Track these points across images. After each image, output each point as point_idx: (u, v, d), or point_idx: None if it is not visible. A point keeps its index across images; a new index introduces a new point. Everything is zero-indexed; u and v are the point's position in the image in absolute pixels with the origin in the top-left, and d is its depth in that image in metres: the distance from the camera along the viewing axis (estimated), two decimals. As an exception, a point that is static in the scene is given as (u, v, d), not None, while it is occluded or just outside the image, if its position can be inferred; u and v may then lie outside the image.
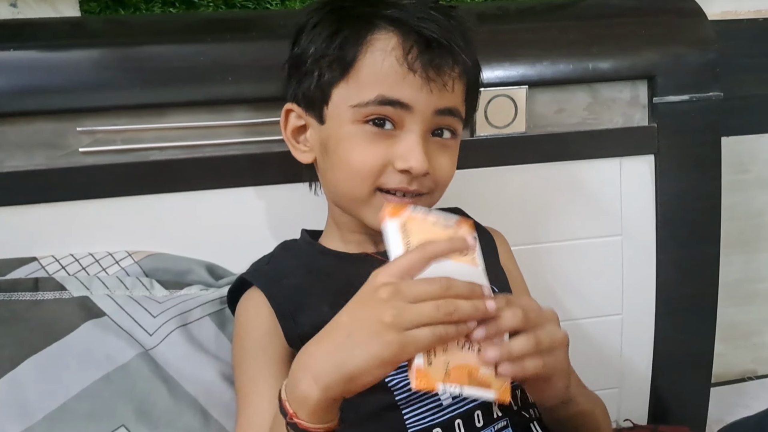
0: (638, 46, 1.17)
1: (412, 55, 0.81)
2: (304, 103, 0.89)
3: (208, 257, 1.07)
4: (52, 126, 1.01)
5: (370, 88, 0.82)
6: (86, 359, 0.88)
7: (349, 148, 0.84)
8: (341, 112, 0.84)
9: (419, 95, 0.82)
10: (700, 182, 1.22)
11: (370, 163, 0.83)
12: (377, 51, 0.82)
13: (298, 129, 0.92)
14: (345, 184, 0.87)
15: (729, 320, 1.55)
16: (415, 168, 0.82)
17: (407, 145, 0.83)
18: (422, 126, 0.83)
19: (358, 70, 0.83)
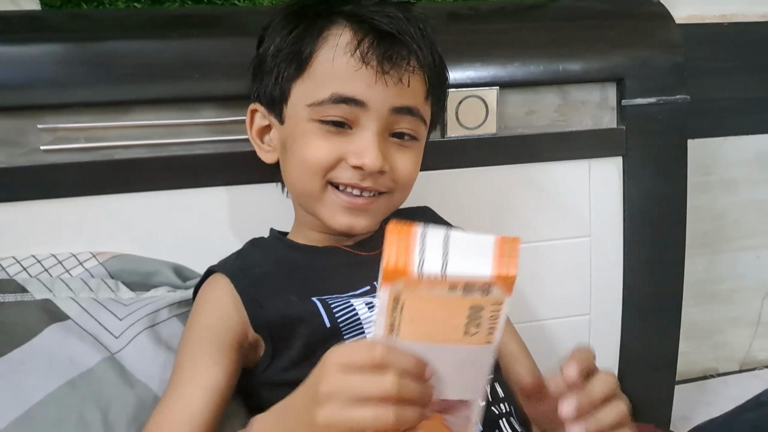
0: (607, 49, 1.18)
1: (364, 47, 0.81)
2: (266, 103, 0.89)
3: (174, 258, 1.04)
4: (11, 123, 0.97)
5: (324, 85, 0.82)
6: (49, 364, 0.85)
7: (303, 143, 0.84)
8: (298, 111, 0.84)
9: (374, 90, 0.82)
10: (666, 184, 1.24)
11: (323, 158, 0.83)
12: (331, 47, 0.82)
13: (263, 129, 0.92)
14: (299, 180, 0.87)
15: (691, 319, 1.58)
16: (369, 165, 0.82)
17: (362, 142, 0.83)
18: (378, 123, 0.83)
19: (313, 66, 0.83)
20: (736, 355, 1.72)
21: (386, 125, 0.84)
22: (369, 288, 0.88)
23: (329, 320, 0.81)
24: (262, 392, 0.83)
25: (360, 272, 0.89)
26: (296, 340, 0.81)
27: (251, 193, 1.06)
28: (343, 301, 0.84)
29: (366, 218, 0.88)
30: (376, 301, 0.52)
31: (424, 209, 1.05)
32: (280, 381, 0.81)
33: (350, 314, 0.82)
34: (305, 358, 0.81)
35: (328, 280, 0.87)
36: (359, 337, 0.82)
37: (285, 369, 0.81)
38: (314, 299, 0.83)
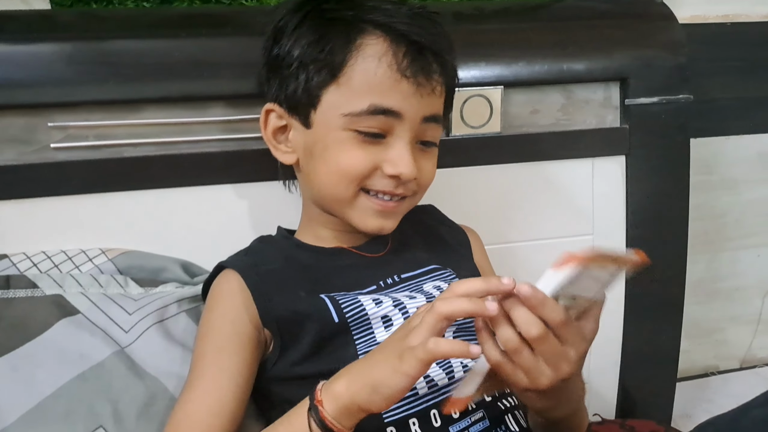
0: (612, 49, 1.19)
1: (406, 62, 0.82)
2: (287, 105, 0.89)
3: (182, 255, 1.05)
4: (22, 121, 0.98)
5: (361, 96, 0.83)
6: (60, 358, 0.87)
7: (337, 152, 0.85)
8: (331, 119, 0.85)
9: (409, 102, 0.83)
10: (669, 183, 1.25)
11: (360, 167, 0.85)
12: (368, 57, 0.83)
13: (279, 129, 0.92)
14: (331, 187, 0.87)
15: (692, 317, 1.59)
16: (405, 174, 0.84)
17: (397, 151, 0.85)
18: (410, 133, 0.85)
19: (348, 75, 0.83)
20: (737, 353, 1.73)
21: (416, 134, 0.87)
22: (375, 287, 0.89)
23: (337, 315, 0.82)
24: (271, 387, 0.84)
25: (367, 272, 0.91)
26: (305, 335, 0.82)
27: (258, 190, 1.07)
28: (351, 297, 0.85)
29: (394, 219, 0.90)
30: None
31: (429, 207, 1.07)
32: (289, 376, 0.83)
33: (358, 310, 0.83)
34: (314, 353, 0.82)
35: (335, 279, 0.89)
36: (367, 332, 0.83)
37: (294, 364, 0.82)
38: (322, 296, 0.84)
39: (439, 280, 0.92)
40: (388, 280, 0.91)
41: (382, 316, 0.84)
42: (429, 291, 0.89)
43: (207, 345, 0.83)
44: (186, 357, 0.91)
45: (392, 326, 0.84)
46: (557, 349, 0.64)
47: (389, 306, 0.85)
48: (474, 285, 0.63)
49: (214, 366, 0.81)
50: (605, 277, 0.65)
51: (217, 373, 0.80)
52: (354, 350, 0.82)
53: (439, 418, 0.79)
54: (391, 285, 0.90)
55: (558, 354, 0.64)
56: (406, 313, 0.85)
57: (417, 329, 0.64)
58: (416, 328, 0.64)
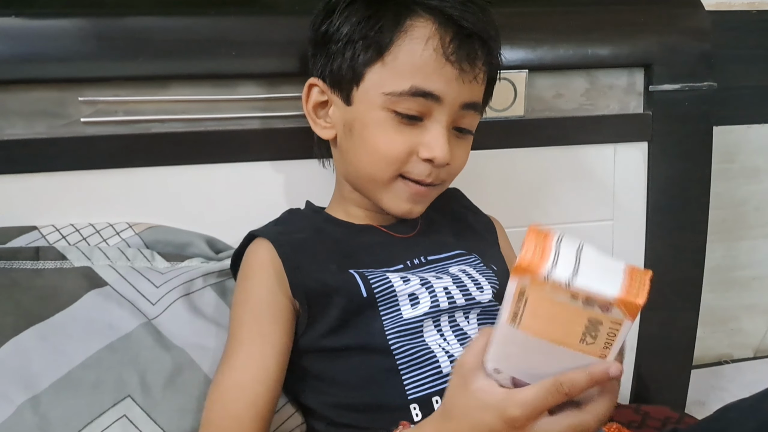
0: (636, 34, 1.19)
1: (452, 47, 0.83)
2: (330, 81, 0.90)
3: (207, 231, 1.07)
4: (53, 95, 1.00)
5: (404, 76, 0.83)
6: (89, 329, 0.88)
7: (375, 133, 0.86)
8: (372, 98, 0.85)
9: (450, 87, 0.84)
10: (690, 170, 1.25)
11: (397, 150, 0.85)
12: (415, 38, 0.83)
13: (320, 104, 0.93)
14: (369, 167, 0.88)
15: (708, 305, 1.58)
16: (439, 158, 0.85)
17: (433, 135, 0.85)
18: (448, 118, 0.86)
19: (394, 55, 0.84)
20: (752, 342, 1.74)
21: (454, 119, 0.87)
22: (402, 266, 0.90)
23: (366, 291, 0.83)
24: (296, 359, 0.86)
25: (394, 250, 0.92)
26: (333, 308, 0.83)
27: (285, 169, 1.08)
28: (379, 273, 0.86)
29: (423, 204, 0.92)
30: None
31: (456, 192, 1.08)
32: (315, 348, 0.84)
33: (386, 285, 0.85)
34: (340, 326, 0.83)
35: (364, 256, 0.90)
36: (393, 308, 0.84)
37: (320, 337, 0.84)
38: (351, 271, 0.85)
39: (465, 264, 0.93)
40: (415, 260, 0.92)
41: (409, 294, 0.85)
42: (455, 273, 0.90)
43: (246, 313, 0.85)
44: (211, 330, 0.93)
45: (418, 304, 0.85)
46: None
47: (416, 284, 0.86)
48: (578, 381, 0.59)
49: (254, 333, 0.82)
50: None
51: (259, 340, 0.82)
52: (380, 325, 0.83)
53: (462, 397, 0.81)
54: (417, 265, 0.91)
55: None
56: (433, 291, 0.86)
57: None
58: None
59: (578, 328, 0.55)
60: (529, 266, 0.52)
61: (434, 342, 0.84)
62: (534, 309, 0.54)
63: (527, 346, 0.58)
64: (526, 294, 0.54)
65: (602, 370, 0.57)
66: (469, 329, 0.87)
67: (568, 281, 0.51)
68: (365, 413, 0.81)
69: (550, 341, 0.56)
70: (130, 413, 0.83)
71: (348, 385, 0.83)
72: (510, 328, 0.57)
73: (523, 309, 0.55)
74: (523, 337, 0.57)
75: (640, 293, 0.52)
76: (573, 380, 0.58)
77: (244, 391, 0.79)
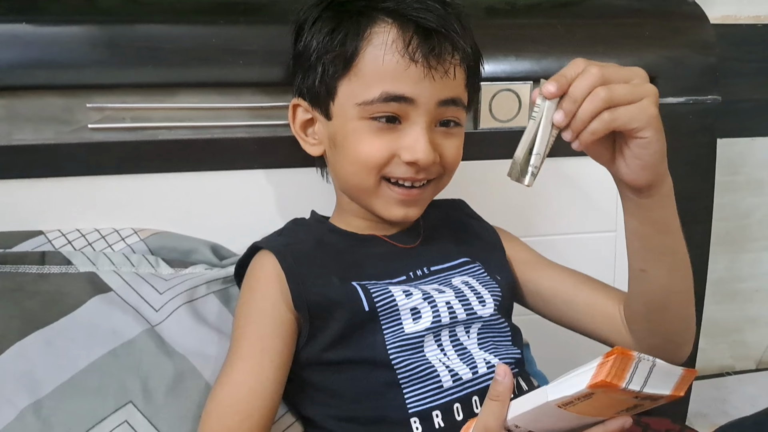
0: (641, 47, 1.19)
1: (413, 46, 0.82)
2: (309, 98, 0.91)
3: (212, 238, 1.08)
4: (61, 101, 1.01)
5: (373, 84, 0.84)
6: (93, 334, 0.89)
7: (355, 142, 0.86)
8: (347, 110, 0.86)
9: (422, 86, 0.84)
10: (693, 183, 1.25)
11: (377, 155, 0.86)
12: (378, 45, 0.84)
13: (307, 122, 0.94)
14: (353, 176, 0.89)
15: (711, 317, 1.59)
16: (422, 160, 0.84)
17: (412, 137, 0.85)
18: (426, 118, 0.85)
19: (360, 65, 0.84)
20: (754, 354, 1.73)
21: (433, 117, 0.86)
22: (405, 278, 0.90)
23: (368, 304, 0.83)
24: (297, 371, 0.86)
25: (398, 262, 0.92)
26: (335, 321, 0.83)
27: (290, 176, 1.09)
28: (382, 286, 0.86)
29: (418, 207, 0.91)
30: (566, 381, 0.60)
31: (459, 202, 1.08)
32: (316, 361, 0.85)
33: (388, 299, 0.85)
34: (341, 339, 0.83)
35: (366, 267, 0.90)
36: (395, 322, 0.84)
37: (323, 349, 0.84)
38: (354, 283, 0.85)
39: (468, 275, 0.93)
40: (418, 271, 0.92)
41: (411, 308, 0.85)
42: (457, 286, 0.90)
43: (248, 326, 0.84)
44: (213, 337, 0.93)
45: (420, 318, 0.85)
46: (626, 88, 0.66)
47: (419, 298, 0.86)
48: None
49: (255, 347, 0.82)
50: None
51: (259, 355, 0.82)
52: (381, 338, 0.83)
53: (461, 411, 0.81)
54: (420, 277, 0.92)
55: (630, 90, 0.66)
56: (435, 306, 0.86)
57: None
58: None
59: (621, 408, 0.63)
60: (610, 383, 0.56)
61: (434, 357, 0.84)
62: (592, 402, 0.59)
63: (560, 416, 0.62)
64: (595, 395, 0.58)
65: (619, 426, 0.64)
66: (469, 344, 0.87)
67: (639, 390, 0.58)
68: (366, 426, 0.82)
69: (588, 416, 0.63)
70: (132, 419, 0.83)
71: (349, 397, 0.83)
72: (555, 408, 0.61)
73: (582, 401, 0.59)
74: (564, 414, 0.62)
75: (684, 388, 0.61)
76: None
77: (239, 404, 0.79)
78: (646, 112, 0.67)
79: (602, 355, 0.57)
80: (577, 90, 0.65)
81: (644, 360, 0.57)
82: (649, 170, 0.72)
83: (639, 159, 0.70)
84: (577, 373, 0.59)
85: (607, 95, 0.65)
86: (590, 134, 0.66)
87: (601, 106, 0.65)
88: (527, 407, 0.64)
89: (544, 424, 0.66)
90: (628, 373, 0.56)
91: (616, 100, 0.65)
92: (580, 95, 0.65)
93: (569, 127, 0.66)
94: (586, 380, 0.57)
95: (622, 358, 0.56)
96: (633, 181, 0.73)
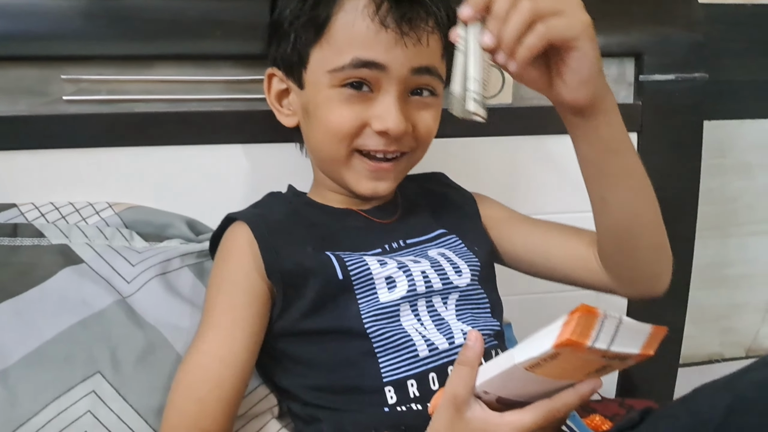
0: (627, 24, 1.18)
1: (383, 11, 0.81)
2: (284, 68, 0.91)
3: (188, 213, 1.06)
4: (36, 72, 1.00)
5: (344, 50, 0.83)
6: (63, 305, 0.88)
7: (326, 111, 0.85)
8: (319, 78, 0.85)
9: (394, 53, 0.82)
10: (680, 162, 1.24)
11: (347, 124, 0.84)
12: (349, 10, 0.83)
13: (281, 93, 0.93)
14: (324, 146, 0.88)
15: (699, 303, 1.57)
16: (392, 129, 0.83)
17: (384, 106, 0.84)
18: (399, 86, 0.84)
19: (331, 31, 0.83)
20: (743, 341, 1.72)
21: (406, 86, 0.85)
22: (380, 250, 0.90)
23: (342, 273, 0.83)
24: (272, 342, 0.85)
25: (373, 235, 0.91)
26: (308, 290, 0.82)
27: (267, 151, 1.08)
28: (356, 257, 0.85)
29: (389, 181, 0.90)
30: (532, 342, 0.58)
31: (438, 175, 1.07)
32: (291, 331, 0.84)
33: (363, 268, 0.84)
34: (316, 309, 0.83)
35: (341, 240, 0.89)
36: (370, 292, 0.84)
37: (297, 319, 0.83)
38: (328, 253, 0.85)
39: (444, 247, 0.93)
40: (394, 244, 0.91)
41: (385, 277, 0.84)
42: (433, 257, 0.90)
43: (220, 296, 0.84)
44: (186, 310, 0.92)
45: (395, 287, 0.84)
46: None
47: (393, 268, 0.85)
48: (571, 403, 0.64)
49: (226, 317, 0.82)
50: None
51: (231, 325, 0.81)
52: (356, 308, 0.83)
53: (437, 381, 0.81)
54: (396, 249, 0.91)
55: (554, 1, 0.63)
56: (410, 275, 0.85)
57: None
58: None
59: (590, 370, 0.62)
60: (575, 342, 0.55)
61: (411, 326, 0.83)
62: (560, 363, 0.58)
63: (529, 380, 0.61)
64: (561, 354, 0.57)
65: (590, 389, 0.63)
66: (447, 314, 0.86)
67: (606, 348, 0.56)
68: (341, 395, 0.81)
69: (557, 379, 0.62)
70: (99, 389, 0.83)
71: (324, 367, 0.83)
72: (524, 371, 0.60)
73: (549, 362, 0.58)
74: (532, 377, 0.60)
75: (653, 347, 0.60)
76: (567, 403, 0.63)
77: (208, 373, 0.78)
78: (579, 18, 0.64)
79: (566, 314, 0.56)
80: (499, 6, 0.62)
81: (610, 317, 0.56)
82: (589, 84, 0.69)
83: (577, 74, 0.67)
84: (542, 333, 0.57)
85: (533, 5, 0.61)
86: (527, 49, 0.62)
87: (528, 17, 0.62)
88: (495, 372, 0.63)
89: (514, 389, 0.65)
90: (593, 331, 0.55)
91: (543, 10, 0.62)
92: (503, 11, 0.62)
93: (500, 48, 0.63)
94: (552, 340, 0.56)
95: (587, 316, 0.55)
96: (575, 100, 0.70)
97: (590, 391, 0.63)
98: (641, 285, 0.88)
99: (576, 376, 0.62)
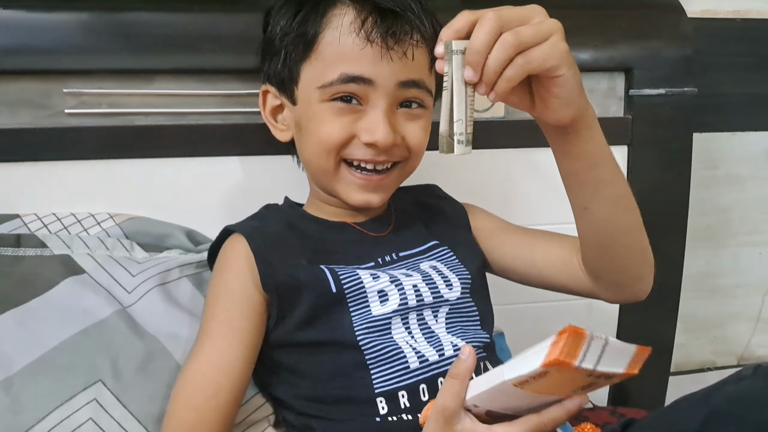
0: (618, 39, 1.20)
1: (368, 26, 0.83)
2: (276, 84, 0.93)
3: (188, 224, 1.08)
4: (38, 86, 1.02)
5: (332, 66, 0.85)
6: (64, 314, 0.90)
7: (317, 124, 0.87)
8: (309, 94, 0.87)
9: (380, 67, 0.84)
10: (670, 175, 1.26)
11: (335, 136, 0.86)
12: (336, 27, 0.85)
13: (276, 108, 0.96)
14: (314, 159, 0.90)
15: (691, 312, 1.60)
16: (380, 141, 0.85)
17: (372, 118, 0.85)
18: (387, 99, 0.86)
19: (320, 48, 0.86)
20: (735, 350, 1.74)
21: (394, 99, 0.87)
22: (373, 264, 0.91)
23: (335, 286, 0.84)
24: (267, 353, 0.87)
25: (367, 249, 0.93)
26: (303, 302, 0.84)
27: (265, 163, 1.10)
28: (350, 270, 0.87)
29: (381, 193, 0.91)
30: (521, 360, 0.59)
31: (431, 187, 1.08)
32: (285, 342, 0.85)
33: (356, 282, 0.86)
34: (310, 321, 0.84)
35: (335, 253, 0.90)
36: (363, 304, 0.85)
37: (292, 330, 0.84)
38: (322, 266, 0.86)
39: (436, 260, 0.94)
40: (386, 257, 0.93)
41: (378, 291, 0.86)
42: (425, 270, 0.91)
43: (217, 306, 0.86)
44: (185, 319, 0.94)
45: (387, 301, 0.86)
46: (532, 29, 0.64)
47: (386, 282, 0.87)
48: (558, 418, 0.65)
49: (224, 327, 0.83)
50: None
51: (228, 334, 0.82)
52: (349, 321, 0.84)
53: (427, 392, 0.82)
54: (389, 262, 0.92)
55: (536, 30, 0.64)
56: (402, 289, 0.87)
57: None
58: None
59: (577, 387, 0.62)
60: (563, 362, 0.56)
61: (402, 339, 0.85)
62: (548, 380, 0.59)
63: (518, 395, 0.63)
64: (549, 373, 0.58)
65: (577, 405, 0.64)
66: (437, 327, 0.88)
67: (593, 368, 0.57)
68: (333, 405, 0.83)
69: (545, 395, 0.63)
70: (101, 397, 0.84)
71: (318, 378, 0.84)
72: (513, 387, 0.61)
73: (537, 380, 0.59)
74: (521, 393, 0.62)
75: (638, 366, 0.61)
76: (554, 418, 0.64)
77: (206, 382, 0.80)
78: (558, 48, 0.65)
79: (555, 334, 0.57)
80: (478, 40, 0.62)
81: (597, 338, 0.57)
82: (570, 106, 0.70)
83: (559, 98, 0.68)
84: (531, 352, 0.59)
85: (516, 39, 0.62)
86: (506, 82, 0.63)
87: (512, 52, 0.62)
88: (485, 387, 0.65)
89: (503, 404, 0.66)
90: (581, 351, 0.56)
91: (526, 43, 0.63)
92: (482, 45, 0.62)
93: (481, 81, 0.64)
94: (540, 359, 0.57)
95: (574, 337, 0.56)
96: (558, 121, 0.71)
97: (577, 408, 0.64)
98: (624, 289, 0.89)
99: (563, 392, 0.64)
